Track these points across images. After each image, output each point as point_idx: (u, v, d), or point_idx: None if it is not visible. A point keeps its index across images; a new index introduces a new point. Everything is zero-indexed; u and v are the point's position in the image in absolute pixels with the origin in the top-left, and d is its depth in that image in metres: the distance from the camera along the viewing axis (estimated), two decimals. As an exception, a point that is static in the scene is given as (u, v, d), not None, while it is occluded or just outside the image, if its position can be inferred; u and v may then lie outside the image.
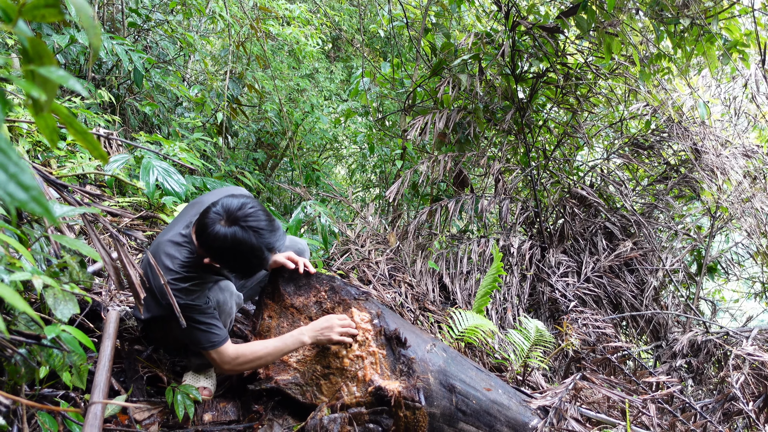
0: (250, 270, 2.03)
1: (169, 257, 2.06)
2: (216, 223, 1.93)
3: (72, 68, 5.10)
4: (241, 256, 1.95)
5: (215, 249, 1.95)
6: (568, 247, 5.02)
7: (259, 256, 1.97)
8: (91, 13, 0.67)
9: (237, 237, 1.92)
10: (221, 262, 1.99)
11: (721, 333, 4.53)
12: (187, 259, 2.06)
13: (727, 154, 4.90)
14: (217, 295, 2.20)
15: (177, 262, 2.05)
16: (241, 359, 2.14)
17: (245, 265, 1.99)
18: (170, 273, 2.03)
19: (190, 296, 2.05)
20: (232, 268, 2.01)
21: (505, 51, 4.39)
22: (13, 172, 0.55)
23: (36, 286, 1.36)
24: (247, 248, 1.94)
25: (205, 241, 1.96)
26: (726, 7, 4.32)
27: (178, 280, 2.02)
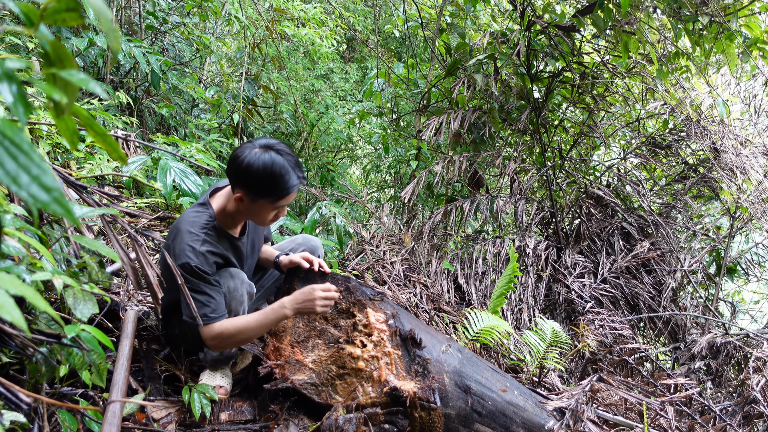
0: (279, 193, 2.09)
1: (189, 224, 2.16)
2: (250, 150, 2.06)
3: (90, 71, 5.16)
4: (274, 176, 2.04)
5: (249, 172, 2.04)
6: (584, 248, 4.98)
7: (289, 180, 2.07)
8: (111, 17, 0.68)
9: (271, 158, 2.04)
10: (252, 185, 2.06)
11: (741, 335, 4.47)
12: (206, 223, 2.18)
13: (746, 153, 4.83)
14: (227, 282, 2.25)
15: (197, 225, 2.15)
16: (224, 334, 2.16)
17: (276, 186, 2.06)
18: (190, 235, 2.12)
19: (202, 261, 2.11)
20: (263, 190, 2.07)
21: (520, 50, 4.37)
22: (35, 173, 0.56)
23: (56, 286, 1.38)
24: (280, 169, 2.04)
25: (238, 168, 2.05)
26: (746, 5, 4.26)
27: (196, 241, 2.11)
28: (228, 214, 2.26)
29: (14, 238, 1.42)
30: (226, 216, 2.26)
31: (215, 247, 2.19)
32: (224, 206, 2.26)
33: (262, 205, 2.13)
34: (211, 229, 2.19)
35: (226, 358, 2.47)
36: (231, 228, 2.31)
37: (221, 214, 2.26)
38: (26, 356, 1.47)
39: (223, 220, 2.26)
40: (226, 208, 2.25)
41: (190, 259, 2.09)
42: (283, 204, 2.16)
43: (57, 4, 0.68)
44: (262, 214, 2.18)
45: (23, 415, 1.37)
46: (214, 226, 2.21)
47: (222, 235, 2.26)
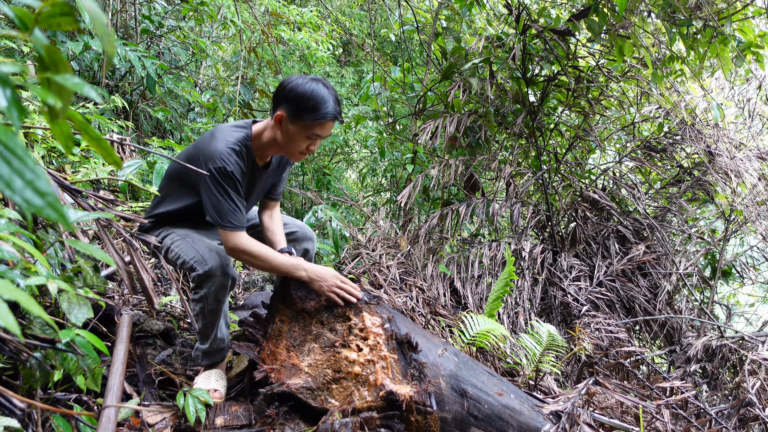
0: (318, 116, 2.18)
1: (228, 134, 2.29)
2: (301, 77, 2.22)
3: (86, 75, 5.15)
4: (317, 99, 2.17)
5: (295, 90, 2.17)
6: (580, 251, 4.99)
7: (329, 107, 2.19)
8: (106, 21, 0.68)
9: (317, 85, 2.19)
10: (296, 102, 2.17)
11: (737, 338, 4.48)
12: (244, 139, 2.30)
13: (741, 156, 4.85)
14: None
15: (234, 138, 2.28)
16: (244, 247, 2.28)
17: (317, 108, 2.17)
18: (228, 143, 2.24)
19: (237, 169, 2.23)
20: (305, 109, 2.17)
21: (515, 54, 4.39)
22: (29, 178, 0.56)
23: (51, 291, 1.38)
24: (323, 95, 2.18)
25: (284, 87, 2.20)
26: (739, 9, 4.28)
27: (233, 151, 2.23)
28: (262, 142, 2.35)
29: (8, 243, 1.41)
30: (260, 143, 2.35)
31: (244, 164, 2.30)
32: (261, 132, 2.36)
33: (299, 128, 2.21)
34: (245, 147, 2.30)
35: (215, 350, 2.48)
36: (259, 156, 2.40)
37: (257, 139, 2.35)
38: (20, 361, 1.46)
39: (256, 145, 2.36)
40: (263, 135, 2.35)
41: (227, 164, 2.20)
42: (319, 133, 2.23)
43: (52, 9, 0.68)
44: (297, 141, 2.26)
45: (17, 420, 1.36)
46: (248, 145, 2.32)
47: (250, 158, 2.35)
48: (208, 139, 2.29)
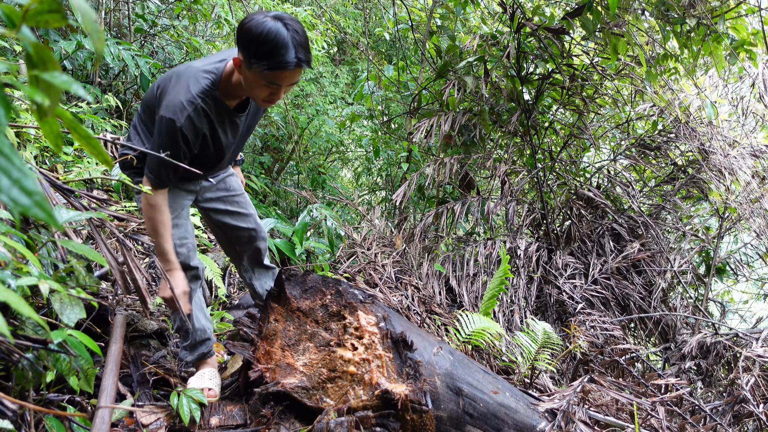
0: (272, 64, 1.93)
1: (192, 80, 2.09)
2: (261, 16, 1.94)
3: (79, 74, 5.13)
4: (271, 43, 1.91)
5: (249, 33, 1.92)
6: (575, 249, 5.00)
7: (286, 54, 1.93)
8: (95, 18, 0.67)
9: (276, 27, 1.91)
10: (249, 47, 1.94)
11: (731, 335, 4.50)
12: (208, 89, 2.10)
13: (735, 154, 4.87)
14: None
15: (198, 87, 2.08)
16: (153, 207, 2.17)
17: (271, 55, 1.92)
18: (187, 94, 2.06)
19: (188, 125, 2.06)
20: (257, 55, 1.94)
21: (510, 53, 4.39)
22: (16, 177, 0.55)
23: (42, 291, 1.37)
24: (280, 39, 1.90)
25: (241, 28, 1.95)
26: (732, 7, 4.29)
27: (190, 104, 2.06)
28: (231, 84, 2.16)
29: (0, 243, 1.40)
30: (229, 86, 2.16)
31: (207, 116, 2.13)
32: (230, 74, 2.15)
33: (254, 75, 1.98)
34: (210, 98, 2.11)
35: (198, 343, 2.50)
36: (230, 99, 2.21)
37: (225, 82, 2.16)
38: (12, 362, 1.45)
39: (225, 88, 2.17)
40: (232, 77, 2.15)
41: (177, 118, 2.04)
42: (276, 81, 2.00)
43: (39, 6, 0.67)
44: (255, 88, 2.04)
45: (9, 422, 1.35)
46: (214, 95, 2.13)
47: (220, 107, 2.18)
48: (174, 81, 2.11)
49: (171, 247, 2.24)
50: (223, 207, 2.68)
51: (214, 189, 2.63)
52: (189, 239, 2.45)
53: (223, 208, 2.68)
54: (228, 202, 2.68)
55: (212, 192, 2.63)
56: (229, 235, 2.76)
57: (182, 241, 2.40)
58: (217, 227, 2.76)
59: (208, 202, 2.64)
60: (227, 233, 2.76)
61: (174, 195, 2.39)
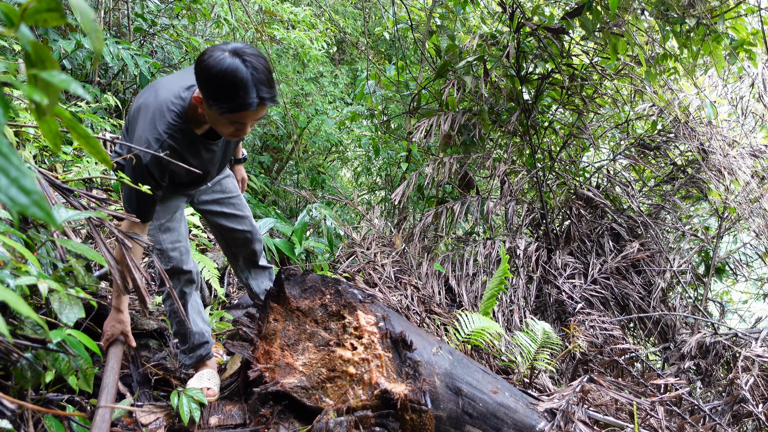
0: (231, 106, 1.86)
1: (160, 113, 2.03)
2: (219, 52, 1.84)
3: (78, 73, 5.12)
4: (230, 86, 1.82)
5: (206, 75, 1.83)
6: (574, 249, 5.00)
7: (246, 96, 1.84)
8: (93, 16, 0.67)
9: (234, 65, 1.81)
10: (207, 89, 1.86)
11: (730, 334, 4.50)
12: (175, 122, 2.03)
13: (734, 154, 4.87)
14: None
15: (165, 121, 2.02)
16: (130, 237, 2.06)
17: (230, 98, 1.84)
18: (153, 130, 2.00)
19: (153, 163, 2.00)
20: (215, 98, 1.86)
21: (510, 52, 4.38)
22: (14, 176, 0.55)
23: (41, 291, 1.37)
24: (239, 80, 1.82)
25: (198, 66, 1.86)
26: (732, 7, 4.29)
27: (156, 140, 2.00)
28: (198, 114, 2.06)
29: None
30: (197, 116, 2.07)
31: (176, 150, 2.05)
32: (198, 104, 2.05)
33: (216, 114, 1.89)
34: (177, 132, 2.04)
35: (196, 346, 2.50)
36: (199, 128, 2.13)
37: (193, 112, 2.07)
38: (11, 362, 1.45)
39: (193, 118, 2.08)
40: (199, 106, 2.03)
41: (143, 156, 1.98)
42: (240, 121, 1.92)
43: (38, 4, 0.67)
44: (218, 125, 1.97)
45: (8, 422, 1.35)
46: (182, 129, 2.05)
47: (190, 138, 2.10)
48: (143, 114, 2.05)
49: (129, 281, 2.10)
50: (218, 209, 2.67)
51: (209, 191, 2.62)
52: (182, 242, 2.43)
53: (218, 210, 2.67)
54: (224, 204, 2.67)
55: (208, 194, 2.63)
56: (225, 236, 2.77)
57: (174, 245, 2.39)
58: (213, 228, 2.78)
59: (204, 204, 2.64)
60: (223, 234, 2.77)
61: (169, 194, 2.38)
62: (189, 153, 2.14)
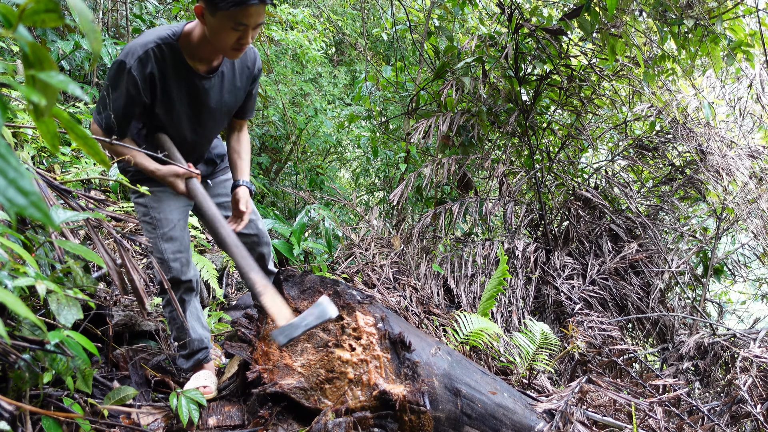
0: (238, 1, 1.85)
1: (155, 30, 2.04)
2: None
3: (76, 74, 5.12)
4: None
5: None
6: (573, 250, 5.00)
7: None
8: (91, 17, 0.67)
9: None
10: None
11: (728, 335, 4.50)
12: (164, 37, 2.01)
13: (732, 155, 4.88)
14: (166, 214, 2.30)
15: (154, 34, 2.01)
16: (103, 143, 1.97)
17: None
18: (143, 39, 2.00)
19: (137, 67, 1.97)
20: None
21: (508, 53, 4.39)
22: (12, 177, 0.55)
23: (39, 292, 1.36)
24: None
25: None
26: (730, 8, 4.30)
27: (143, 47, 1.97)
28: (193, 41, 2.03)
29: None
30: (191, 41, 2.04)
31: (159, 63, 2.01)
32: (191, 30, 2.03)
33: (219, 19, 1.88)
34: (166, 45, 2.00)
35: (196, 351, 2.49)
36: (194, 57, 2.08)
37: (187, 37, 2.04)
38: (9, 363, 1.44)
39: (186, 45, 2.04)
40: (193, 32, 2.02)
41: (127, 60, 1.94)
42: (244, 21, 1.89)
43: (36, 5, 0.67)
44: (222, 35, 1.92)
45: (6, 423, 1.34)
46: (172, 45, 2.01)
47: (178, 60, 2.04)
48: (136, 37, 2.04)
49: (144, 159, 2.10)
50: (222, 213, 2.62)
51: (213, 194, 2.54)
52: (184, 253, 2.38)
53: (222, 214, 2.63)
54: (228, 208, 2.56)
55: (213, 197, 2.53)
56: None
57: (176, 255, 2.34)
58: None
59: None
60: None
61: (172, 202, 2.35)
62: (174, 78, 2.07)
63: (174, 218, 2.36)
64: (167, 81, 2.06)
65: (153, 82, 2.03)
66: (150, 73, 1.99)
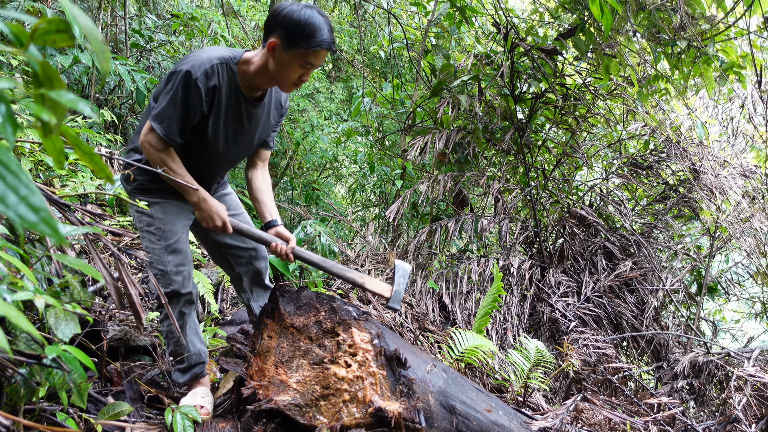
0: (313, 43, 2.07)
1: (216, 49, 2.20)
2: (294, 3, 2.11)
3: (75, 88, 5.14)
4: (313, 25, 2.06)
5: (290, 16, 2.05)
6: (567, 267, 5.02)
7: (324, 35, 2.08)
8: (101, 39, 0.69)
9: (313, 12, 2.08)
10: (291, 28, 2.06)
11: (723, 354, 4.51)
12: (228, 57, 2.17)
13: (725, 174, 4.92)
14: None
15: (218, 53, 2.16)
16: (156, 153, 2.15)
17: (313, 35, 2.06)
18: (206, 54, 2.13)
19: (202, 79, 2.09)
20: (300, 35, 2.06)
21: (504, 72, 4.44)
22: (24, 194, 0.56)
23: (38, 306, 1.36)
24: (319, 22, 2.06)
25: (279, 14, 2.08)
26: (722, 30, 4.37)
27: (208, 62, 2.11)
28: (250, 69, 2.20)
29: (-5, 257, 1.40)
30: (248, 69, 2.20)
31: (219, 81, 2.14)
32: (251, 58, 2.20)
33: (294, 56, 2.09)
34: (227, 67, 2.16)
35: (193, 365, 2.48)
36: (247, 85, 2.24)
37: (245, 64, 2.20)
38: (5, 378, 1.44)
39: (242, 71, 2.20)
40: (252, 61, 2.19)
41: (194, 70, 2.07)
42: (313, 61, 2.12)
43: (47, 26, 0.69)
44: (290, 70, 2.13)
45: (1, 438, 1.34)
46: (232, 68, 2.17)
47: (233, 82, 2.19)
48: (195, 52, 2.17)
49: (187, 178, 2.23)
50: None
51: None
52: (186, 267, 2.39)
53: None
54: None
55: None
56: (228, 255, 2.70)
57: (179, 268, 2.35)
58: (216, 248, 2.69)
59: None
60: (226, 253, 2.69)
61: (175, 214, 2.37)
62: (227, 98, 2.20)
63: (178, 231, 2.39)
64: (222, 98, 2.19)
65: (213, 96, 2.16)
66: (213, 86, 2.13)
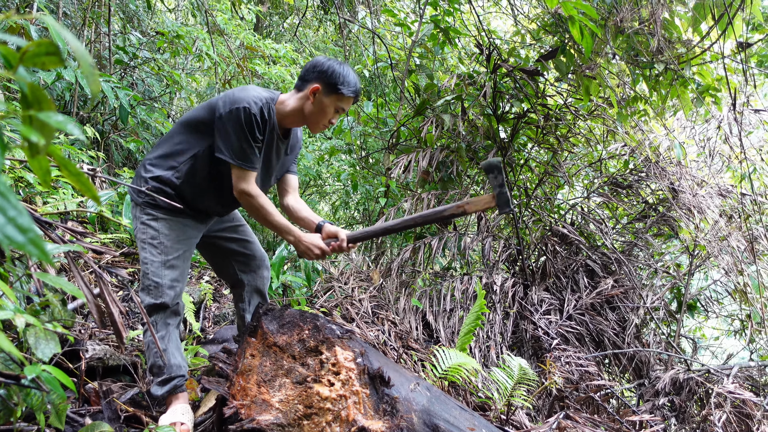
0: (350, 90, 2.35)
1: (257, 89, 2.38)
2: (330, 59, 2.40)
3: (57, 104, 5.11)
4: (350, 76, 2.36)
5: (332, 67, 2.34)
6: (550, 285, 5.05)
7: (357, 86, 2.40)
8: (91, 61, 0.70)
9: (348, 67, 2.38)
10: (332, 77, 2.33)
11: (703, 371, 4.56)
12: (271, 99, 2.36)
13: (703, 193, 5.02)
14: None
15: (265, 94, 2.35)
16: (253, 195, 2.35)
17: (350, 83, 2.36)
18: (257, 94, 2.31)
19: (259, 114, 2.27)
20: (341, 82, 2.33)
21: (486, 92, 4.50)
22: (12, 215, 0.56)
23: (18, 325, 1.35)
24: (354, 75, 2.38)
25: (321, 65, 2.35)
26: (698, 54, 4.49)
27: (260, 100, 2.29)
28: (286, 109, 2.40)
29: (-25, 276, 1.38)
30: (284, 109, 2.40)
31: (266, 122, 2.32)
32: (285, 100, 2.41)
33: (332, 100, 2.34)
34: (268, 109, 2.33)
35: (173, 378, 2.46)
36: (280, 123, 2.44)
37: (281, 104, 2.40)
38: (-18, 398, 1.42)
39: (279, 111, 2.41)
40: (287, 102, 2.40)
41: (251, 106, 2.23)
42: (345, 106, 2.39)
43: (37, 48, 0.69)
44: (327, 112, 2.38)
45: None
46: (272, 108, 2.36)
47: (272, 121, 2.37)
48: (235, 90, 2.32)
49: (280, 218, 2.45)
50: (230, 235, 2.80)
51: (222, 220, 2.77)
52: (180, 284, 2.46)
53: (230, 236, 2.80)
54: (234, 231, 2.81)
55: (221, 223, 2.77)
56: (235, 261, 2.82)
57: (174, 283, 2.41)
58: (223, 256, 2.81)
59: (218, 231, 2.75)
60: (233, 260, 2.82)
61: (181, 231, 2.45)
62: (269, 138, 2.41)
63: (182, 248, 2.46)
64: (266, 134, 2.38)
65: (264, 130, 2.35)
66: (265, 121, 2.32)
